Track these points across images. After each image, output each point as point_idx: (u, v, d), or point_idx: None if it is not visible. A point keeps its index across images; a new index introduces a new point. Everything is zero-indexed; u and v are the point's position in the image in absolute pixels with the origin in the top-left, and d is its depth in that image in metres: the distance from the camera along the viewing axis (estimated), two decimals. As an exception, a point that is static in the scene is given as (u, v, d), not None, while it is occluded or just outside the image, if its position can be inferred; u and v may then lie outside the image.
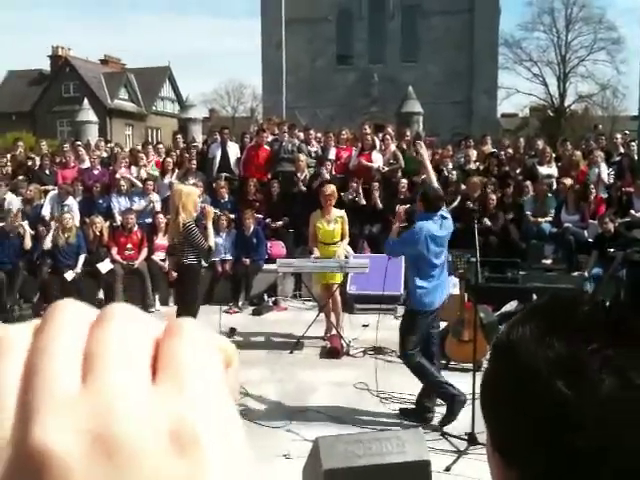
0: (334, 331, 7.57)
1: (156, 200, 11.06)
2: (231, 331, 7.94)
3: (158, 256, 10.15)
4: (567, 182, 10.53)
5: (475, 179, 10.74)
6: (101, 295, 9.71)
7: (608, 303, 0.69)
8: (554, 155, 11.77)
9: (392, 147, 11.80)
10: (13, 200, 10.84)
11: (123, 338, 0.25)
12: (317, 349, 7.50)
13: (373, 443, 3.80)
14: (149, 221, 10.75)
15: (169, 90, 43.98)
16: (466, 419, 4.87)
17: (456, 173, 11.32)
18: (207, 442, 0.24)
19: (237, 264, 9.99)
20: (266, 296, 9.87)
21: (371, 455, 3.74)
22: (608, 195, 10.71)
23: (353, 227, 8.87)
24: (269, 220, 11.05)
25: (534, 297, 8.14)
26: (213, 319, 7.55)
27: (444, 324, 6.78)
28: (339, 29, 31.54)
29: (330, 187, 7.79)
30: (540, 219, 10.34)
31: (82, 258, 9.94)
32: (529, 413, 0.65)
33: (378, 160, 11.46)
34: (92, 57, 41.23)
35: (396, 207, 6.21)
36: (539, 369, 0.65)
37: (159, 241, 10.21)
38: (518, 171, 11.61)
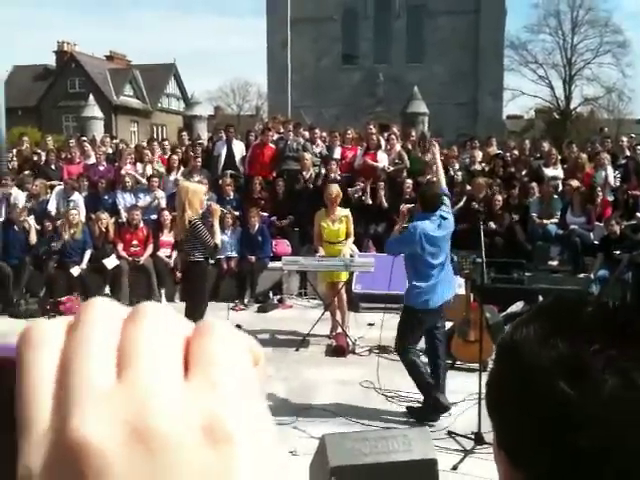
0: (340, 329, 7.58)
1: (161, 197, 11.07)
2: (236, 328, 7.92)
3: (164, 252, 10.18)
4: (573, 184, 10.52)
5: (480, 180, 10.74)
6: (107, 291, 9.73)
7: (615, 305, 0.69)
8: (559, 157, 11.76)
9: (397, 147, 11.80)
10: (19, 195, 10.86)
11: (156, 335, 0.26)
12: (323, 347, 7.51)
13: (379, 441, 3.80)
14: (154, 217, 10.76)
15: (174, 87, 44.01)
16: (473, 418, 4.88)
17: (461, 174, 11.32)
18: (239, 438, 0.25)
19: (242, 262, 10.01)
20: (271, 294, 9.89)
21: (377, 453, 3.74)
22: (614, 198, 10.70)
23: (358, 226, 8.86)
24: (274, 218, 11.06)
25: (540, 298, 8.14)
26: (219, 316, 7.56)
27: (450, 324, 6.80)
28: (344, 28, 31.48)
29: (335, 188, 7.78)
30: (546, 221, 10.33)
31: (88, 254, 9.99)
32: (533, 413, 0.65)
33: (383, 160, 11.46)
34: (97, 53, 41.34)
35: (400, 207, 6.22)
36: (543, 369, 0.65)
37: (164, 237, 10.24)
38: (523, 173, 11.61)
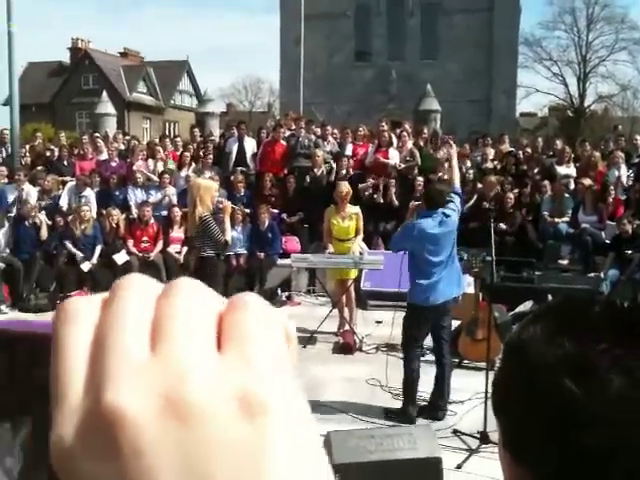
0: (347, 327, 7.57)
1: (172, 193, 11.11)
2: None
3: (174, 248, 10.22)
4: (585, 182, 10.45)
5: (492, 178, 10.69)
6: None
7: (623, 304, 0.69)
8: (573, 155, 11.68)
9: (409, 144, 11.76)
10: (31, 190, 10.93)
11: (189, 310, 0.26)
12: (330, 344, 7.51)
13: (385, 439, 3.80)
14: (165, 214, 10.81)
15: (187, 84, 44.13)
16: (479, 417, 4.86)
17: (473, 172, 11.27)
18: (274, 411, 0.24)
19: (251, 258, 10.02)
20: (280, 291, 9.90)
21: (382, 451, 3.74)
22: (626, 197, 10.62)
23: (368, 224, 8.85)
24: (284, 215, 11.07)
25: (549, 297, 8.09)
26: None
27: (458, 322, 6.78)
28: (357, 25, 31.36)
29: (345, 186, 7.76)
30: (557, 219, 10.27)
31: (98, 249, 10.04)
32: (539, 412, 0.65)
33: (395, 157, 11.43)
34: (111, 50, 41.52)
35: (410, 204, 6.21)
36: (549, 368, 0.65)
37: (174, 234, 10.29)
38: (536, 171, 11.54)
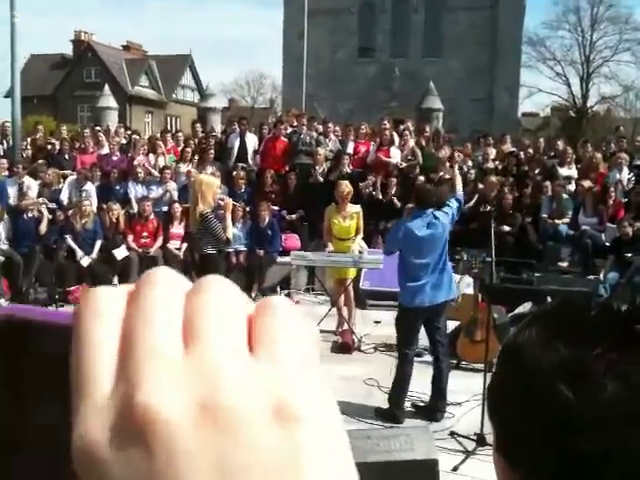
0: (346, 326, 7.57)
1: (173, 189, 11.09)
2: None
3: (173, 244, 10.22)
4: (585, 184, 10.43)
5: (493, 178, 10.68)
6: (116, 281, 9.78)
7: (620, 308, 0.69)
8: (574, 157, 11.65)
9: (411, 143, 11.75)
10: (31, 184, 10.92)
11: (221, 309, 0.25)
12: (328, 343, 7.49)
13: (381, 440, 3.80)
14: (165, 209, 10.79)
15: (190, 78, 44.06)
16: (476, 419, 4.86)
17: (474, 172, 11.25)
18: (307, 418, 0.24)
19: (251, 255, 10.01)
20: (279, 289, 9.89)
21: (379, 452, 3.74)
22: (627, 199, 10.60)
23: (369, 222, 8.84)
24: (285, 212, 11.05)
25: (548, 299, 8.09)
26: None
27: (456, 324, 6.78)
28: (361, 21, 31.28)
29: (347, 186, 7.74)
30: (557, 221, 10.26)
31: (98, 244, 10.03)
32: (535, 417, 0.65)
33: (396, 156, 11.42)
34: (114, 43, 41.45)
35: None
36: (544, 373, 0.65)
37: (174, 229, 10.28)
38: (537, 171, 11.52)
